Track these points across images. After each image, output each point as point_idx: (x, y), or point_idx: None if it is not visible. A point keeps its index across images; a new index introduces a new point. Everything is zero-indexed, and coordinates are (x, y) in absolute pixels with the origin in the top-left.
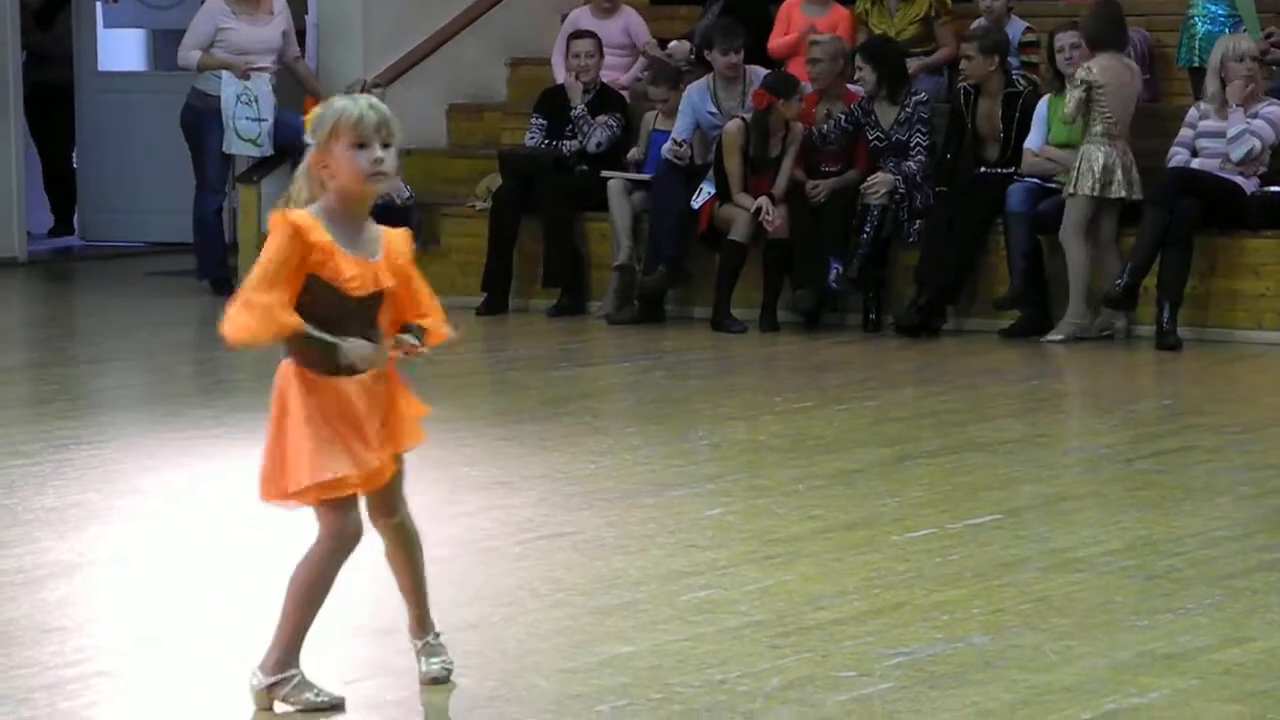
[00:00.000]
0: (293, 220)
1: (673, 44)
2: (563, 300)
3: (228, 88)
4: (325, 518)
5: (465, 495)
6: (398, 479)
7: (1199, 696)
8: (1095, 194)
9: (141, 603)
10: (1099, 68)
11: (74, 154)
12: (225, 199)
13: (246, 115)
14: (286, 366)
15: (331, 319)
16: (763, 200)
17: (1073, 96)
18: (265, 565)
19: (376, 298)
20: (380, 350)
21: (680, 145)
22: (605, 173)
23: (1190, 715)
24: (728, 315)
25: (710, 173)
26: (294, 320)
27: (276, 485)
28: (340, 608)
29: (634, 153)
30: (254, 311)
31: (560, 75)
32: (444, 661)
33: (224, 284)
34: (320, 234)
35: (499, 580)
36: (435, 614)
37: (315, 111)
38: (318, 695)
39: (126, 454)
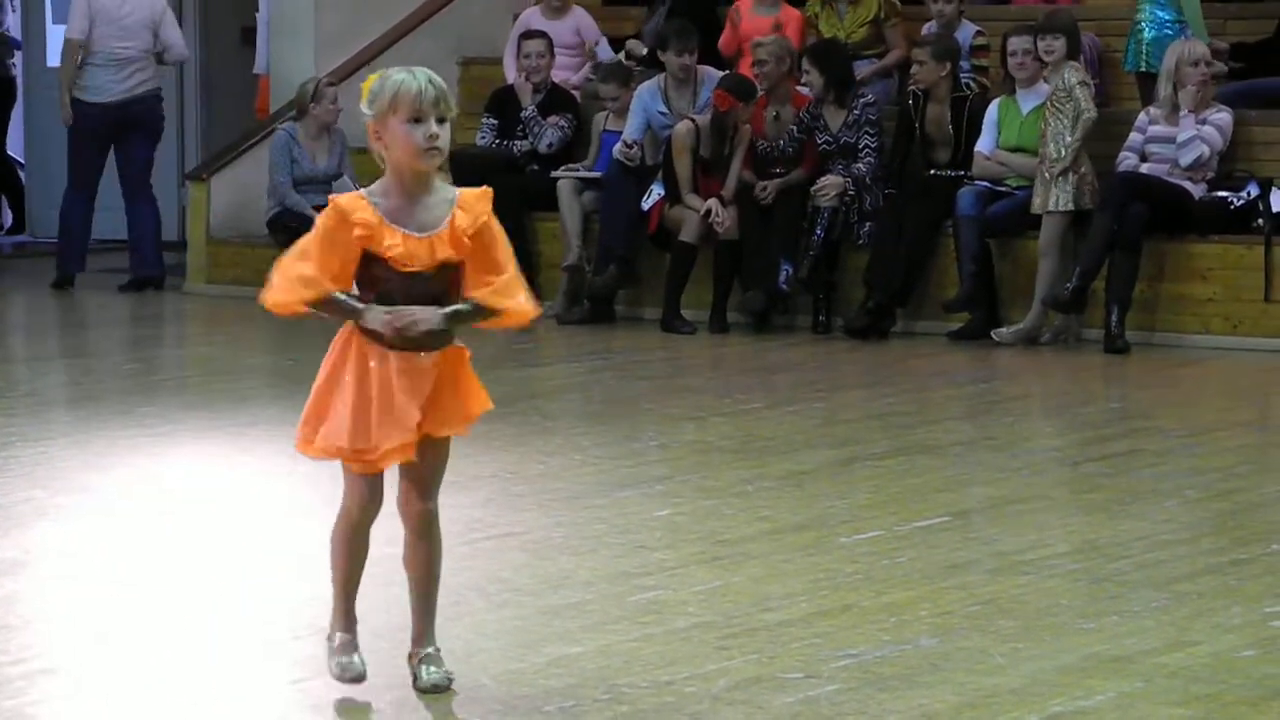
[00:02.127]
0: (338, 205)
1: (630, 42)
2: None
3: None
4: (345, 483)
5: None
6: (431, 465)
7: (1144, 699)
8: (1072, 208)
9: (87, 600)
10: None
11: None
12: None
13: None
14: (349, 327)
15: (390, 294)
16: (712, 202)
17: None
18: (212, 563)
19: (436, 272)
20: (410, 318)
21: (631, 146)
22: (555, 172)
23: (1136, 718)
24: (677, 316)
25: (660, 174)
26: (321, 288)
27: (304, 437)
28: (286, 609)
29: (564, 170)
30: (283, 281)
31: (511, 75)
32: (446, 672)
33: None
34: (364, 213)
35: (446, 580)
36: (383, 614)
37: (371, 81)
38: (341, 668)
39: (72, 451)
